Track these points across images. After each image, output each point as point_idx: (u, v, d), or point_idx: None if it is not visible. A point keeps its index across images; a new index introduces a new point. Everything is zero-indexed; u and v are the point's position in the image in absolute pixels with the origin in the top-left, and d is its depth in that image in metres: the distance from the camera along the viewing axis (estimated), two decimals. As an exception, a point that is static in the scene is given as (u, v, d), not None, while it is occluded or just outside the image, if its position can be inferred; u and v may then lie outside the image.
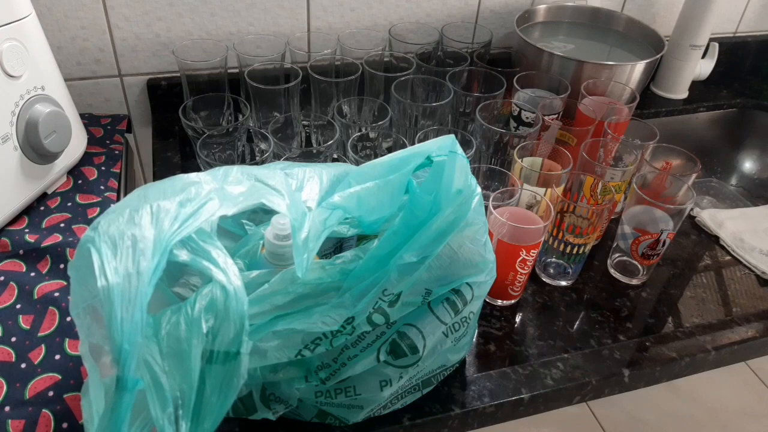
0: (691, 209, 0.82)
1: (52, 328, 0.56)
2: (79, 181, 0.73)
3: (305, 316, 0.44)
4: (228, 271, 0.40)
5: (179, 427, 0.37)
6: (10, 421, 0.48)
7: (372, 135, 0.78)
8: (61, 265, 0.62)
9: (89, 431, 0.37)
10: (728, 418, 1.41)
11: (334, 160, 0.72)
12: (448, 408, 0.56)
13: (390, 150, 0.78)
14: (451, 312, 0.50)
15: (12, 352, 0.54)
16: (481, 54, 0.92)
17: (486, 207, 0.58)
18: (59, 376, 0.52)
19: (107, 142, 0.81)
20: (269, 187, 0.45)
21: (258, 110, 0.83)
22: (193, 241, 0.41)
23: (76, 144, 0.73)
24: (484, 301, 0.67)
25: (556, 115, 0.83)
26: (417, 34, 0.99)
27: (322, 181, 0.49)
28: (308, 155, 0.74)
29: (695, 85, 1.14)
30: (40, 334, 0.55)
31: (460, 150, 0.47)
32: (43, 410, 0.49)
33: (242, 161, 0.79)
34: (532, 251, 0.62)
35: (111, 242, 0.37)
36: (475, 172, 0.73)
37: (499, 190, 0.65)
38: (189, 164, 0.82)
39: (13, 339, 0.55)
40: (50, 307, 0.57)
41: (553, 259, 0.72)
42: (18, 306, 0.57)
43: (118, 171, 0.76)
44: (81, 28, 0.84)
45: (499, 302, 0.68)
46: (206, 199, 0.41)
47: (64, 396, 0.50)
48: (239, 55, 0.83)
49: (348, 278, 0.45)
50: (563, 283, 0.72)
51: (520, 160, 0.70)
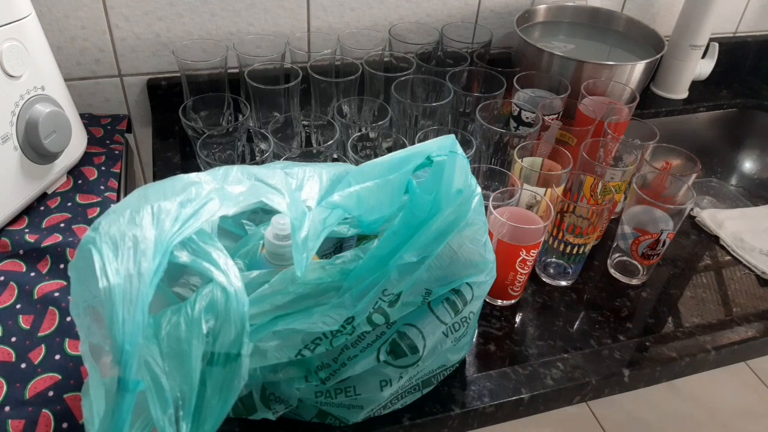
0: (691, 209, 0.82)
1: (52, 328, 0.56)
2: (79, 181, 0.73)
3: (305, 316, 0.44)
4: (229, 273, 0.40)
5: (180, 428, 0.37)
6: (10, 421, 0.48)
7: (372, 135, 0.78)
8: (61, 265, 0.62)
9: None
10: (728, 418, 1.41)
11: (334, 160, 0.72)
12: (448, 408, 0.56)
13: (390, 150, 0.78)
14: (451, 312, 0.50)
15: (12, 352, 0.54)
16: (481, 54, 0.92)
17: (486, 207, 0.58)
18: (59, 376, 0.52)
19: (107, 142, 0.81)
20: (269, 186, 0.45)
21: (258, 110, 0.83)
22: (194, 242, 0.41)
23: (76, 144, 0.73)
24: (484, 301, 0.67)
25: (556, 115, 0.83)
26: (417, 34, 0.99)
27: (322, 180, 0.49)
28: (308, 155, 0.74)
29: (695, 85, 1.14)
30: (40, 334, 0.55)
31: (460, 150, 0.47)
32: (43, 410, 0.49)
33: (242, 161, 0.79)
34: (532, 251, 0.62)
35: (112, 243, 0.37)
36: (475, 172, 0.73)
37: (499, 190, 0.65)
38: (189, 164, 0.82)
39: (13, 339, 0.55)
40: (50, 307, 0.57)
41: (553, 259, 0.72)
42: (18, 306, 0.57)
43: (118, 171, 0.76)
44: (81, 28, 0.84)
45: (499, 302, 0.68)
46: (206, 199, 0.41)
47: (64, 396, 0.50)
48: (239, 55, 0.83)
49: (348, 278, 0.45)
50: (563, 283, 0.72)
51: (520, 160, 0.70)
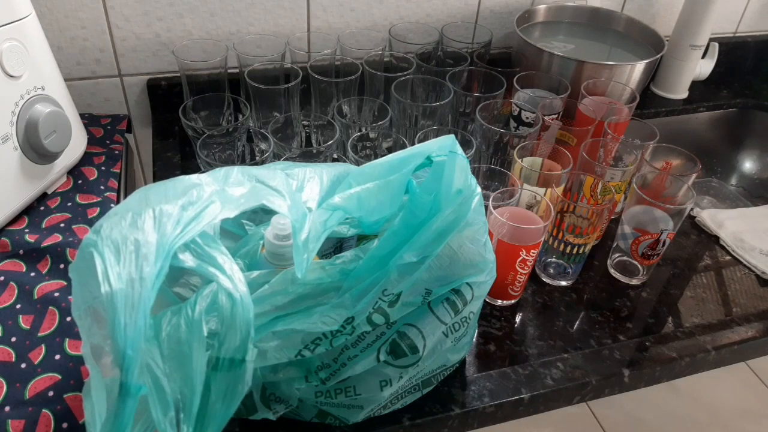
0: (691, 209, 0.82)
1: (52, 328, 0.56)
2: (79, 181, 0.73)
3: (305, 316, 0.44)
4: (234, 278, 0.40)
5: (181, 431, 0.37)
6: (10, 421, 0.48)
7: (372, 135, 0.78)
8: (61, 265, 0.62)
9: None
10: (728, 418, 1.41)
11: (334, 160, 0.72)
12: (448, 408, 0.56)
13: (390, 150, 0.78)
14: (451, 312, 0.50)
15: (12, 352, 0.54)
16: (481, 54, 0.92)
17: (486, 207, 0.58)
18: (59, 376, 0.52)
19: (107, 142, 0.81)
20: (270, 188, 0.45)
21: (258, 110, 0.83)
22: (198, 245, 0.41)
23: (76, 144, 0.73)
24: (484, 301, 0.67)
25: (556, 115, 0.83)
26: (417, 34, 0.99)
27: (323, 181, 0.49)
28: (308, 155, 0.74)
29: (695, 85, 1.14)
30: (40, 334, 0.55)
31: (460, 150, 0.47)
32: (43, 410, 0.49)
33: (242, 161, 0.79)
34: (532, 251, 0.62)
35: (114, 247, 0.37)
36: (475, 172, 0.73)
37: (499, 190, 0.65)
38: (189, 164, 0.82)
39: (13, 339, 0.55)
40: (50, 307, 0.57)
41: (553, 259, 0.72)
42: (18, 306, 0.57)
43: (118, 171, 0.76)
44: (81, 28, 0.84)
45: (499, 302, 0.68)
46: (208, 202, 0.41)
47: (64, 396, 0.50)
48: (239, 55, 0.83)
49: (348, 278, 0.45)
50: (563, 283, 0.72)
51: (520, 160, 0.70)
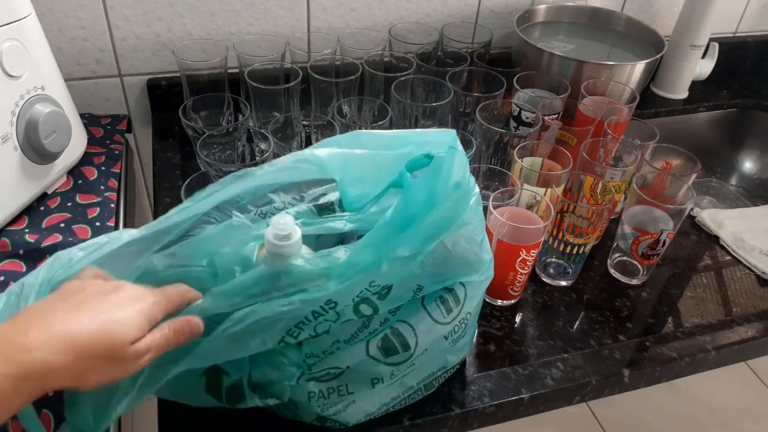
0: (691, 209, 0.82)
1: (52, 328, 0.56)
2: (79, 181, 0.73)
3: (284, 299, 0.44)
4: None
5: None
6: (10, 421, 0.48)
7: (372, 135, 0.78)
8: (61, 265, 0.62)
9: None
10: (728, 418, 1.40)
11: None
12: (448, 408, 0.56)
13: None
14: (443, 310, 0.50)
15: None
16: (481, 54, 0.92)
17: (486, 207, 0.58)
18: (59, 376, 0.52)
19: (107, 142, 0.81)
20: None
21: (258, 110, 0.83)
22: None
23: (76, 144, 0.73)
24: (484, 301, 0.67)
25: (556, 115, 0.83)
26: (417, 34, 0.99)
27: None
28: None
29: (695, 85, 1.14)
30: (40, 334, 0.55)
31: (459, 146, 0.47)
32: (43, 410, 0.49)
33: (242, 161, 0.79)
34: (532, 251, 0.62)
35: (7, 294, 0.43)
36: (475, 172, 0.73)
37: (499, 190, 0.65)
38: (189, 164, 0.82)
39: (13, 339, 0.54)
40: (50, 307, 0.57)
41: (553, 259, 0.72)
42: (18, 306, 0.57)
43: (118, 171, 0.76)
44: (81, 28, 0.84)
45: (499, 302, 0.68)
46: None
47: (64, 396, 0.50)
48: (239, 55, 0.83)
49: (334, 267, 0.45)
50: (563, 283, 0.72)
51: (520, 160, 0.70)
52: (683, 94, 1.12)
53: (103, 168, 0.76)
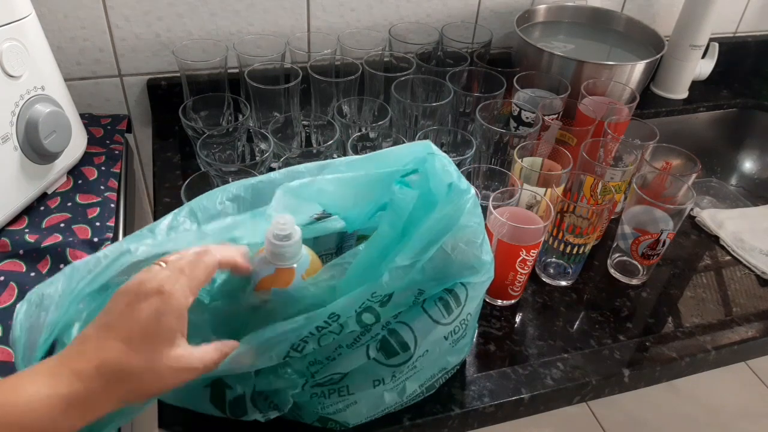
0: (691, 209, 0.82)
1: (52, 328, 0.56)
2: (79, 181, 0.73)
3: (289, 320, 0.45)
4: None
5: None
6: None
7: (372, 135, 0.78)
8: (61, 266, 0.62)
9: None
10: (728, 418, 1.40)
11: (334, 160, 0.72)
12: (448, 408, 0.56)
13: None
14: (444, 311, 0.50)
15: (12, 352, 0.54)
16: (481, 54, 0.92)
17: (486, 207, 0.58)
18: (59, 376, 0.52)
19: (107, 142, 0.81)
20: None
21: (258, 110, 0.83)
22: None
23: (76, 144, 0.73)
24: (484, 301, 0.67)
25: (556, 115, 0.83)
26: (417, 34, 0.99)
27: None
28: (308, 155, 0.74)
29: (695, 85, 1.14)
30: (40, 334, 0.55)
31: (438, 150, 0.48)
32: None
33: (242, 161, 0.79)
34: (532, 251, 0.62)
35: (26, 303, 0.44)
36: (475, 172, 0.73)
37: (499, 190, 0.65)
38: (189, 164, 0.82)
39: (13, 339, 0.55)
40: (50, 307, 0.57)
41: (553, 259, 0.72)
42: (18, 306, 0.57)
43: (118, 171, 0.76)
44: (81, 28, 0.84)
45: (499, 302, 0.68)
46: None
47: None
48: (239, 55, 0.83)
49: (336, 291, 0.45)
50: (563, 283, 0.72)
51: (520, 160, 0.70)
52: (683, 94, 1.12)
53: (103, 168, 0.76)
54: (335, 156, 0.72)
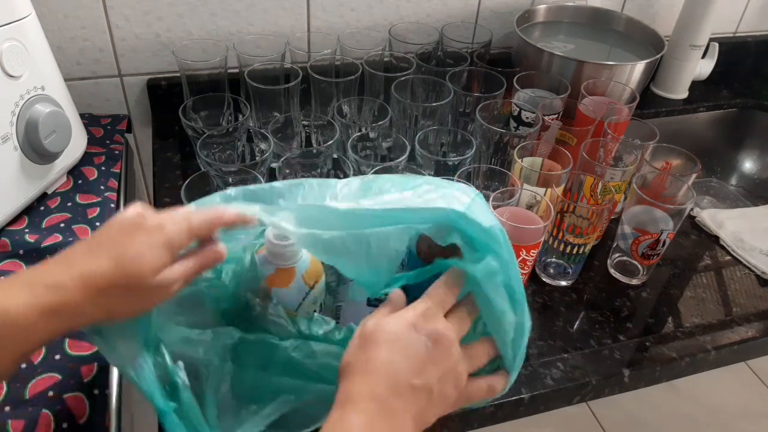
0: (691, 209, 0.82)
1: (52, 328, 0.56)
2: (79, 181, 0.73)
3: None
4: None
5: None
6: (10, 421, 0.48)
7: (372, 135, 0.78)
8: (61, 265, 0.62)
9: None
10: (728, 418, 1.41)
11: (334, 160, 0.72)
12: (448, 408, 0.56)
13: (390, 150, 0.78)
14: None
15: (12, 352, 0.54)
16: (481, 54, 0.92)
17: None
18: (59, 376, 0.52)
19: (107, 142, 0.81)
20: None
21: (258, 110, 0.83)
22: None
23: (76, 144, 0.73)
24: (484, 301, 0.67)
25: (556, 115, 0.83)
26: (417, 34, 0.99)
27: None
28: (308, 155, 0.74)
29: (695, 85, 1.14)
30: (40, 334, 0.55)
31: (476, 194, 0.46)
32: (43, 410, 0.49)
33: (242, 161, 0.79)
34: (532, 251, 0.62)
35: None
36: (475, 172, 0.73)
37: (499, 190, 0.65)
38: (189, 164, 0.82)
39: (13, 339, 0.55)
40: (50, 307, 0.57)
41: (553, 259, 0.72)
42: (18, 306, 0.57)
43: (118, 171, 0.76)
44: (81, 28, 0.84)
45: (499, 302, 0.68)
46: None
47: (64, 396, 0.50)
48: (239, 55, 0.83)
49: None
50: (563, 283, 0.72)
51: (520, 160, 0.70)
52: (683, 94, 1.12)
53: (103, 168, 0.76)
54: (335, 156, 0.72)
